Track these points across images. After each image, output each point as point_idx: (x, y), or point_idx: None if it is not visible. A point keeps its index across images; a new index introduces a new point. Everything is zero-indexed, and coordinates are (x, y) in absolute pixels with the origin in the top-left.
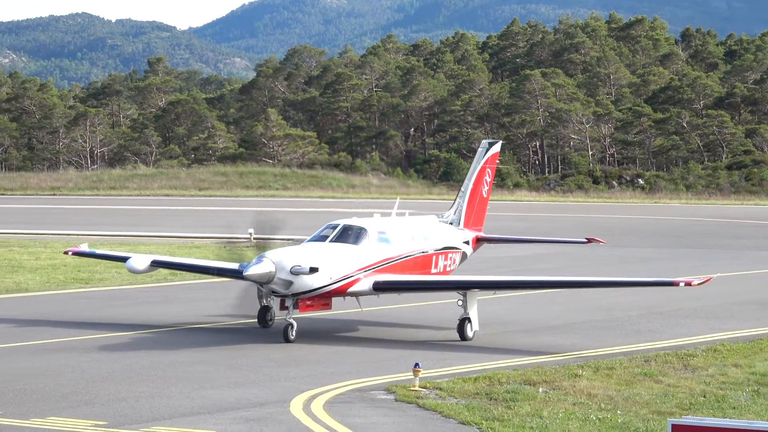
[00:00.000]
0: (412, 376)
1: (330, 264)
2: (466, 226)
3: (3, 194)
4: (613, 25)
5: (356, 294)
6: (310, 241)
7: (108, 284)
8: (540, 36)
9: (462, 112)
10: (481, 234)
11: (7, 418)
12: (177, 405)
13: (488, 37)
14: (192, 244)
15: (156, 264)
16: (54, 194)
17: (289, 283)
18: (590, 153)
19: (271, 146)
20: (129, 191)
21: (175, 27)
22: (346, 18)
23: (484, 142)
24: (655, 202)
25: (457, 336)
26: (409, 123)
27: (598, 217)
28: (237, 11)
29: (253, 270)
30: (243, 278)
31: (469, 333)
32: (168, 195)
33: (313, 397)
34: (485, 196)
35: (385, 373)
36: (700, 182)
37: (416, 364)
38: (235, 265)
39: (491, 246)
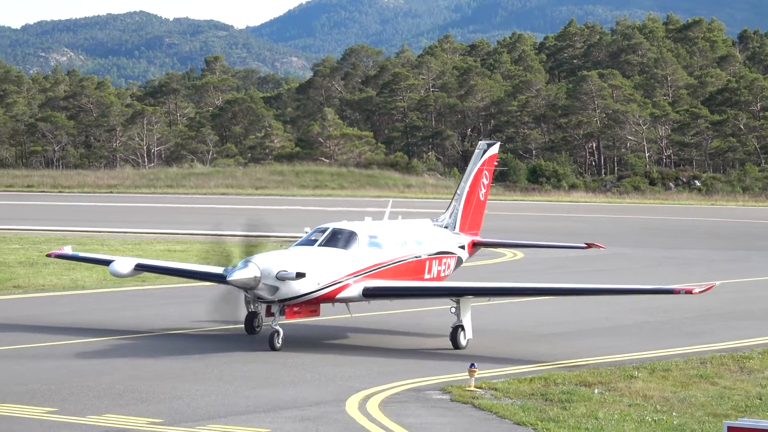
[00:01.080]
0: (468, 377)
1: (318, 269)
2: (462, 230)
3: (60, 192)
4: (671, 27)
5: (345, 300)
6: (298, 245)
7: (165, 282)
8: (597, 37)
9: (518, 113)
10: (478, 238)
11: (64, 415)
12: (232, 403)
13: (545, 38)
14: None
15: (140, 267)
16: (111, 192)
17: (275, 289)
18: (647, 154)
19: (327, 145)
20: (185, 190)
21: (232, 26)
22: (403, 18)
23: (482, 143)
24: (712, 204)
25: (449, 344)
26: (466, 123)
27: (654, 219)
28: (294, 11)
29: (237, 275)
30: (227, 283)
31: (462, 341)
32: (224, 194)
33: (369, 396)
34: (482, 199)
35: (440, 373)
36: (757, 184)
37: (472, 365)
38: (219, 270)
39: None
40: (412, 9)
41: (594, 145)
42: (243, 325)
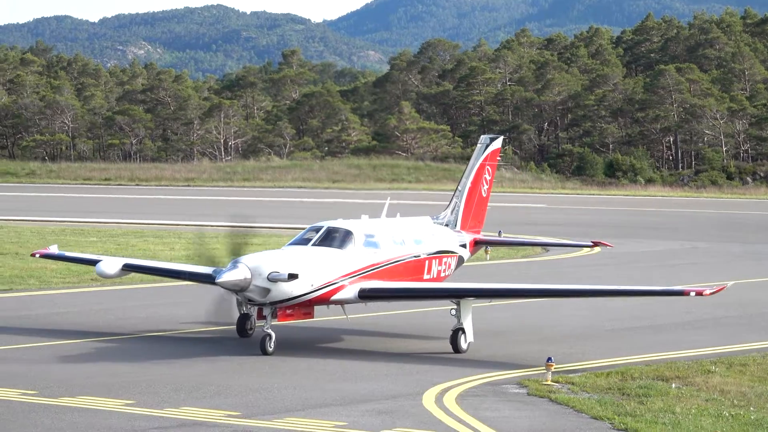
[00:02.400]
0: (545, 371)
1: (311, 270)
2: (463, 228)
3: (138, 185)
4: (748, 21)
5: (340, 302)
6: (291, 244)
7: None
8: (675, 31)
9: (596, 107)
10: (480, 236)
11: (141, 407)
12: (309, 396)
13: (622, 32)
14: None
15: (128, 268)
16: (188, 185)
17: (267, 291)
18: (724, 149)
19: (404, 139)
20: (262, 183)
21: (309, 20)
22: (480, 12)
23: (484, 137)
24: None
25: (449, 347)
26: (543, 117)
27: (732, 214)
28: (371, 4)
29: (226, 276)
30: (215, 284)
31: (463, 345)
32: (301, 187)
33: (446, 390)
34: (485, 195)
35: (517, 367)
36: None
37: (549, 359)
38: (208, 270)
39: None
40: (489, 3)
41: (671, 140)
42: (235, 327)
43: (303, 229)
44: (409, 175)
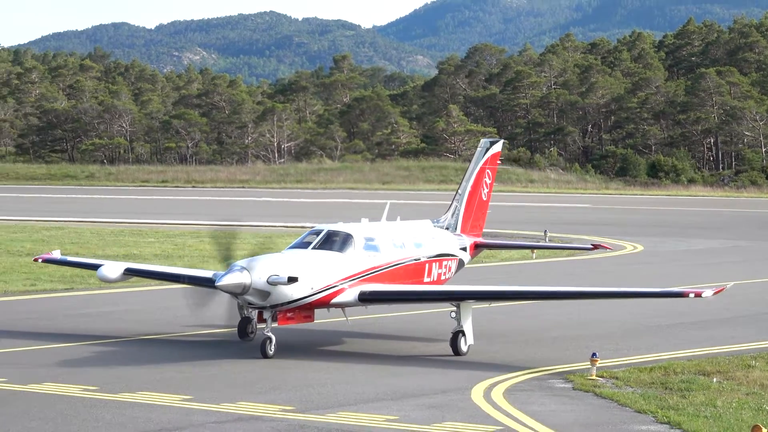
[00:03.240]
0: (590, 366)
1: (311, 273)
2: (463, 231)
3: (194, 187)
4: None
5: (341, 305)
6: (291, 248)
7: None
8: (715, 35)
9: (638, 110)
10: (480, 239)
11: (199, 402)
12: (361, 391)
13: (664, 36)
14: None
15: (129, 272)
16: (243, 187)
17: (267, 294)
18: (764, 150)
19: (452, 141)
20: (314, 185)
21: (359, 25)
22: (525, 17)
23: (484, 141)
24: None
25: (450, 350)
26: (587, 120)
27: None
28: (419, 10)
29: (226, 280)
30: (215, 288)
31: (463, 347)
32: (352, 188)
33: (493, 385)
34: (485, 198)
35: (562, 362)
36: None
37: (594, 354)
38: (208, 274)
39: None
40: (535, 8)
41: (712, 141)
42: (236, 330)
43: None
44: (457, 176)
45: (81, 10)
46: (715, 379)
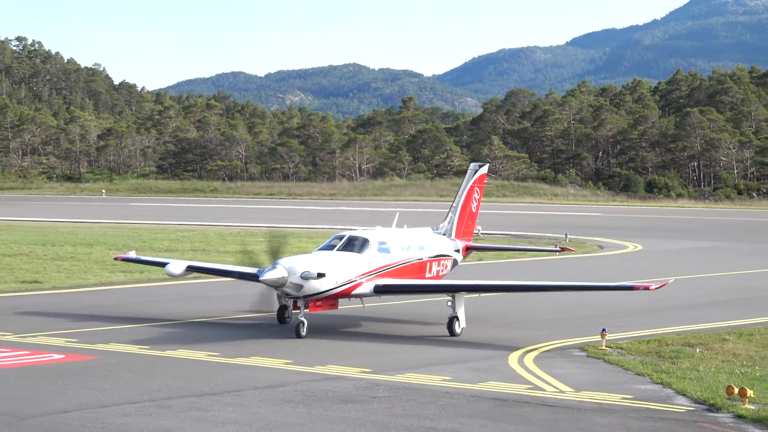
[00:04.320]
0: (600, 339)
1: (336, 270)
2: (457, 236)
3: (294, 198)
4: (754, 75)
5: (359, 296)
6: (319, 249)
7: None
8: (698, 82)
9: (638, 140)
10: (470, 243)
11: (297, 365)
12: (423, 357)
13: (658, 83)
14: None
15: (191, 269)
16: (332, 198)
17: (300, 287)
18: (735, 171)
19: (494, 164)
20: (387, 197)
21: (422, 74)
22: (551, 68)
23: (473, 165)
24: None
25: (446, 331)
26: (598, 147)
27: (742, 220)
28: (469, 63)
29: (268, 275)
30: (259, 282)
31: (457, 329)
32: (416, 200)
33: (525, 353)
34: (474, 211)
35: (578, 335)
36: None
37: (603, 329)
38: (253, 270)
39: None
40: (558, 61)
41: (695, 164)
42: (275, 315)
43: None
44: (497, 191)
45: (208, 62)
46: (697, 350)
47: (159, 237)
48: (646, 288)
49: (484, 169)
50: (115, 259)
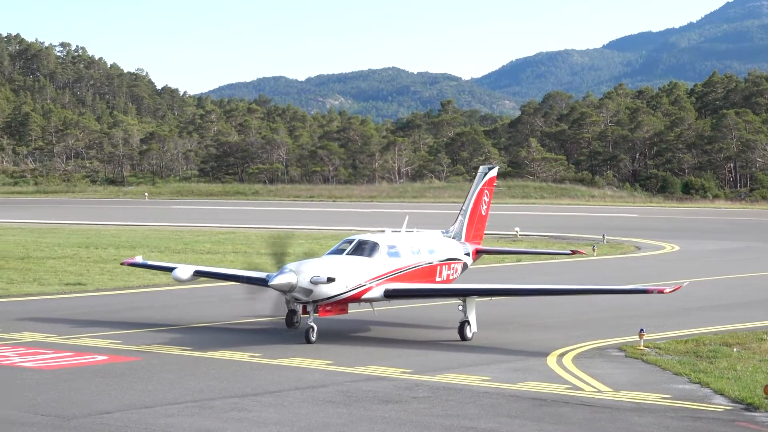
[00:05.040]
0: (638, 339)
1: (345, 274)
2: (466, 239)
3: (334, 201)
4: None
5: (369, 300)
6: (329, 254)
7: None
8: (734, 84)
9: (675, 141)
10: (480, 246)
11: (338, 366)
12: (462, 358)
13: (695, 85)
14: None
15: (198, 273)
16: (371, 201)
17: (309, 292)
18: None
19: (531, 166)
20: (426, 199)
21: (460, 77)
22: (588, 71)
23: (483, 167)
24: None
25: (457, 336)
26: (635, 149)
27: None
28: (506, 66)
29: (277, 280)
30: (268, 287)
31: (468, 334)
32: (454, 202)
33: (564, 353)
34: (484, 213)
35: (616, 336)
36: None
37: (641, 329)
38: (262, 275)
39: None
40: (595, 64)
41: (732, 165)
42: (284, 320)
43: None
44: (535, 193)
45: (249, 66)
46: (735, 349)
47: (200, 239)
48: (660, 291)
49: (494, 172)
50: (122, 264)
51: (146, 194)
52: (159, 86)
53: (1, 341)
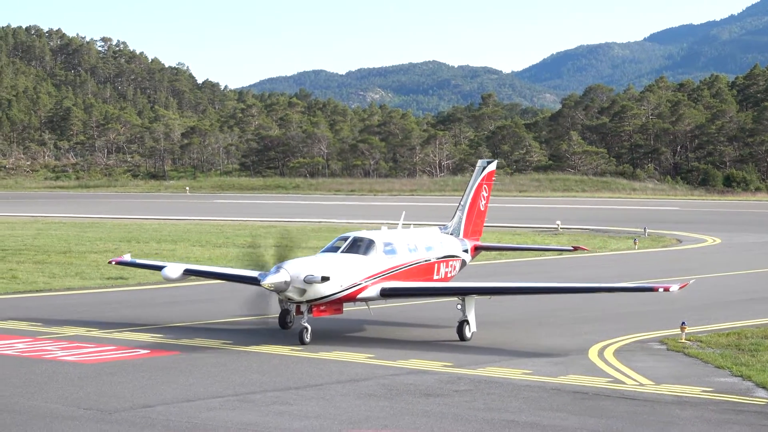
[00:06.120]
0: (680, 332)
1: (340, 273)
2: (465, 236)
3: (375, 195)
4: None
5: (365, 300)
6: (323, 252)
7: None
8: None
9: (716, 134)
10: (479, 243)
11: (380, 359)
12: (503, 351)
13: (736, 78)
14: (513, 232)
15: (188, 272)
16: (412, 194)
17: (303, 291)
18: None
19: (572, 159)
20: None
21: (501, 71)
22: (628, 64)
23: (481, 161)
24: None
25: (456, 336)
26: (676, 142)
27: None
28: (547, 59)
29: (270, 279)
30: (260, 286)
31: (468, 334)
32: (495, 195)
33: (605, 346)
34: (482, 209)
35: (658, 329)
36: None
37: (683, 323)
38: (254, 274)
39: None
40: (636, 57)
41: None
42: (277, 321)
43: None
44: (576, 186)
45: (289, 60)
46: None
47: (241, 233)
48: (666, 289)
49: (493, 166)
50: (110, 262)
51: (187, 188)
52: (200, 80)
53: (44, 335)
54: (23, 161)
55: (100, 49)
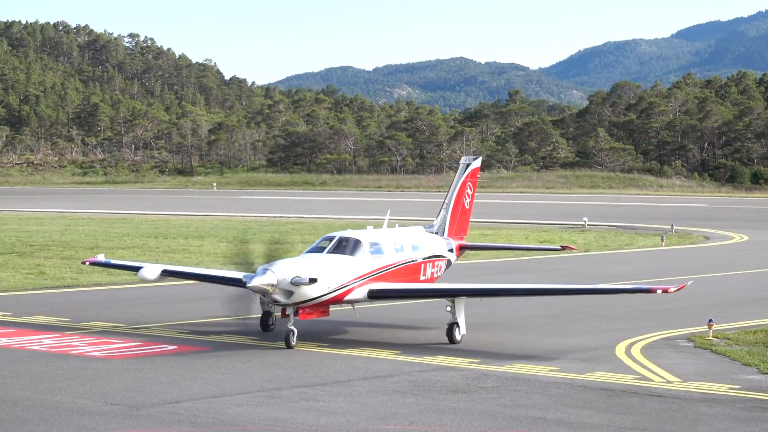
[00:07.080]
0: (707, 329)
1: (328, 274)
2: (450, 235)
3: (402, 191)
4: None
5: (352, 302)
6: (308, 252)
7: (477, 259)
8: None
9: (743, 131)
10: (464, 242)
11: (406, 356)
12: (530, 348)
13: (764, 74)
14: (540, 229)
15: (166, 273)
16: (438, 191)
17: (290, 293)
18: None
19: (599, 156)
20: (494, 189)
21: (528, 67)
22: (656, 60)
23: (465, 158)
24: None
25: (445, 338)
26: (704, 139)
27: None
28: (575, 56)
29: (256, 281)
30: (246, 288)
31: (457, 336)
32: (522, 192)
33: (632, 344)
34: (467, 207)
35: (685, 326)
36: None
37: (710, 320)
38: (239, 275)
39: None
40: (663, 53)
41: None
42: (258, 323)
43: (525, 222)
44: (603, 182)
45: (316, 57)
46: None
47: (267, 229)
48: (665, 290)
49: (477, 163)
50: (83, 263)
51: (214, 184)
52: (227, 76)
53: (71, 331)
54: (51, 157)
55: (127, 45)
